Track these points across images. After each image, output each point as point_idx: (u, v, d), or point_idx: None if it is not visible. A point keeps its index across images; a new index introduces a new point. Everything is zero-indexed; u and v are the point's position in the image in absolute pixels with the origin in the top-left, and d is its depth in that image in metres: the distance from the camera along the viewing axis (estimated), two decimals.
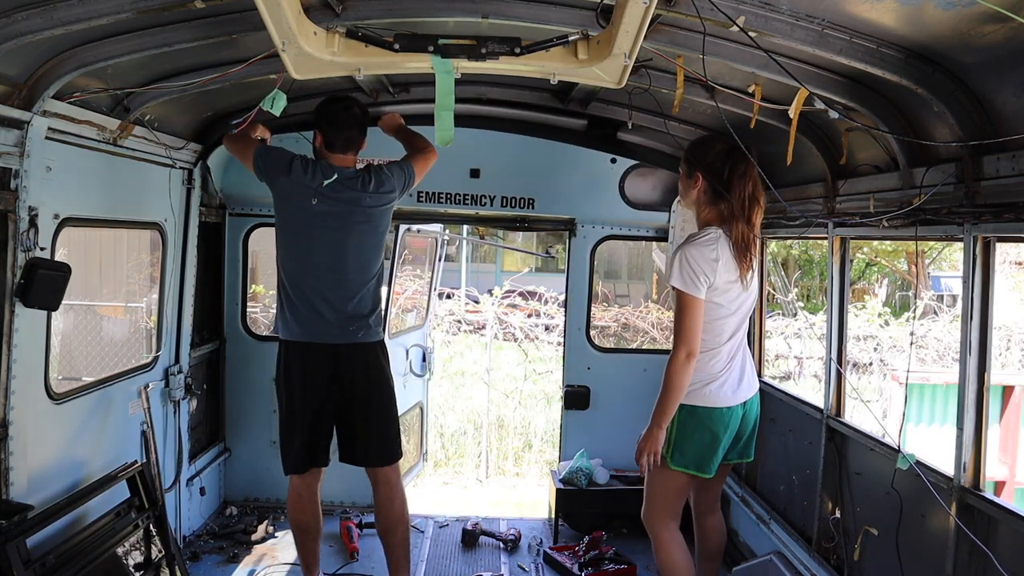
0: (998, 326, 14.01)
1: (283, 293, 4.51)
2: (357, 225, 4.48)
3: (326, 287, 4.43)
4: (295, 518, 4.68)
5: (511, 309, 18.42)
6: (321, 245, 4.42)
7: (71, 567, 3.75)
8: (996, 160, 3.13)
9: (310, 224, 4.41)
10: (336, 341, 4.46)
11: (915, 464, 3.65)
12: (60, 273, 3.75)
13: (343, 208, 4.42)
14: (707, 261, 3.82)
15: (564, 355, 6.67)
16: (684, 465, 4.03)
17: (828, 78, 3.59)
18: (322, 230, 4.41)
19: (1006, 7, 2.48)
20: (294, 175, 4.38)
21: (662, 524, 4.16)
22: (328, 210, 4.39)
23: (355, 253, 4.50)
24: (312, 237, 4.42)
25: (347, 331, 4.47)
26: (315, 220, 4.40)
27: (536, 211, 6.34)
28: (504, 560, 5.84)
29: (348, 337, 4.47)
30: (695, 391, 3.95)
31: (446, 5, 3.34)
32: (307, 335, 4.46)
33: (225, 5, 3.31)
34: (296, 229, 4.45)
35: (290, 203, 4.45)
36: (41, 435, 3.88)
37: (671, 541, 4.16)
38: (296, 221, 4.45)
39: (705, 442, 4.00)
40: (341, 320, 4.45)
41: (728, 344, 3.99)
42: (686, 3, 3.01)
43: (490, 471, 11.49)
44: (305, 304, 4.44)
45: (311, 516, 4.66)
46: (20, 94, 3.50)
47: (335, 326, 4.44)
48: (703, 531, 4.46)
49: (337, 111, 4.45)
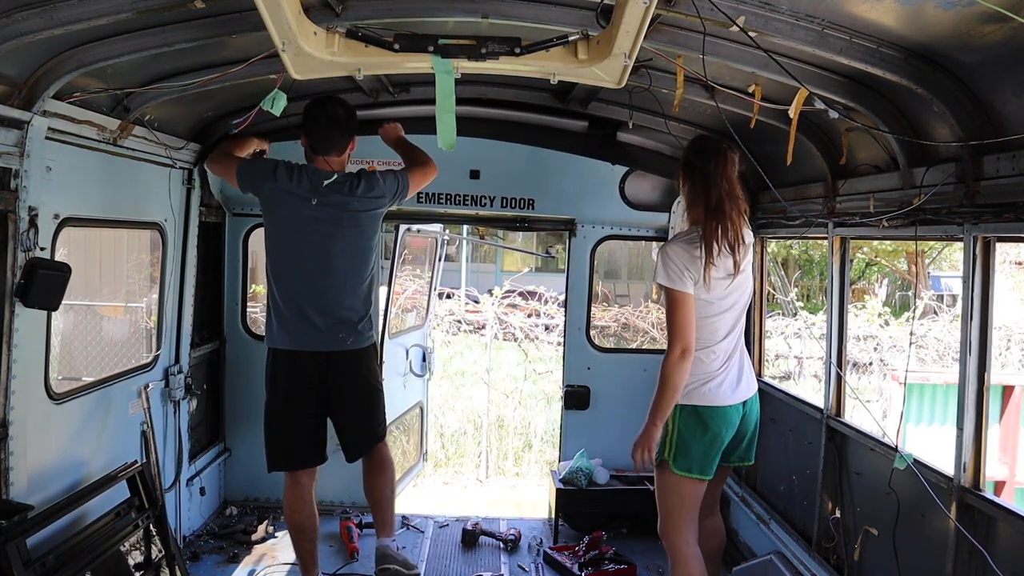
0: (998, 326, 14.01)
1: (272, 300, 4.47)
2: (345, 230, 4.42)
3: (315, 294, 4.39)
4: (291, 518, 4.65)
5: (511, 309, 18.42)
6: (309, 251, 4.37)
7: (71, 567, 3.75)
8: (996, 160, 3.13)
9: (297, 230, 4.36)
10: (327, 349, 4.43)
11: (913, 464, 3.65)
12: (60, 273, 3.75)
13: (330, 213, 4.35)
14: (692, 258, 3.81)
15: (564, 355, 6.67)
16: (687, 469, 3.97)
17: (828, 78, 3.59)
18: (309, 235, 4.36)
19: (1006, 7, 2.48)
20: (279, 182, 4.33)
21: (680, 537, 4.03)
22: (315, 215, 4.33)
23: (344, 258, 4.43)
24: (300, 243, 4.37)
25: (337, 338, 4.44)
26: (302, 225, 4.35)
27: (536, 212, 6.35)
28: (504, 560, 5.84)
29: (338, 344, 4.45)
30: (694, 390, 3.94)
31: (446, 5, 3.34)
32: (297, 343, 4.43)
33: (225, 5, 3.31)
34: (284, 236, 4.40)
35: (277, 210, 4.40)
36: (41, 435, 3.88)
37: (691, 557, 4.02)
38: (284, 227, 4.39)
39: (707, 442, 3.97)
40: (330, 326, 4.42)
41: (724, 342, 3.98)
42: (686, 3, 3.01)
43: (490, 471, 11.50)
44: (294, 312, 4.40)
45: (306, 516, 4.62)
46: (20, 94, 3.50)
47: (325, 333, 4.41)
48: (702, 533, 4.43)
49: (318, 113, 4.38)
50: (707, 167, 3.85)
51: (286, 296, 4.41)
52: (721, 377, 3.97)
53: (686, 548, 4.02)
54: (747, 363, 4.15)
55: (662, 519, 4.09)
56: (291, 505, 4.61)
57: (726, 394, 3.98)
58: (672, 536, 4.04)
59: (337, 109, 4.41)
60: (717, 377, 3.96)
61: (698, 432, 3.96)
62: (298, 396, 4.48)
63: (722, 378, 3.97)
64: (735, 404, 4.01)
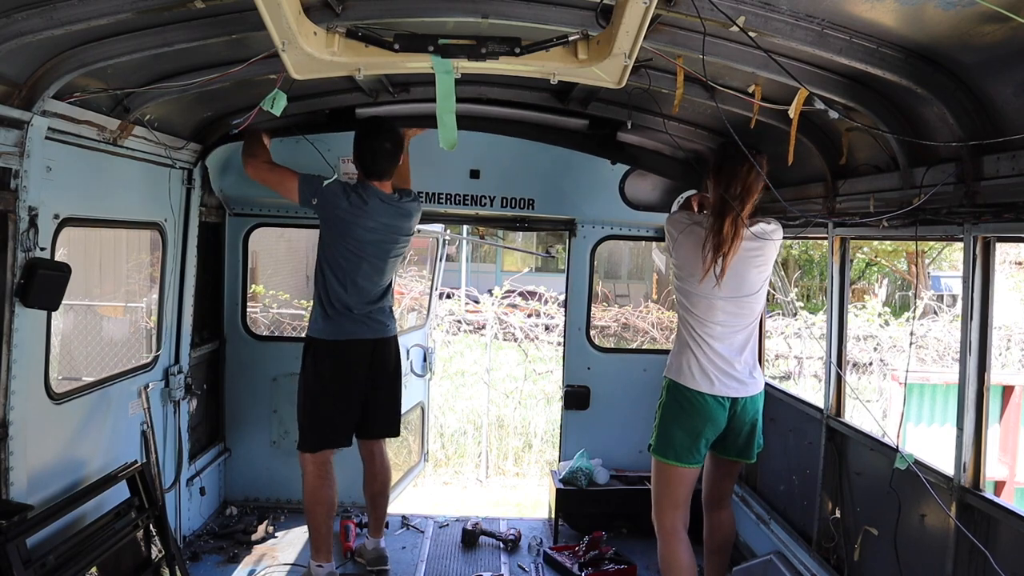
0: (998, 326, 14.01)
1: (325, 300, 4.97)
2: (397, 245, 5.07)
3: (364, 298, 5.00)
4: (321, 496, 4.99)
5: (511, 309, 18.37)
6: (366, 267, 4.95)
7: (71, 567, 3.75)
8: (996, 160, 3.13)
9: (363, 246, 4.90)
10: (373, 336, 5.07)
11: (913, 464, 3.65)
12: (60, 273, 3.75)
13: (388, 232, 4.98)
14: (679, 223, 4.28)
15: (564, 355, 6.67)
16: (663, 454, 4.21)
17: (828, 78, 3.59)
18: (374, 251, 4.95)
19: (1006, 7, 2.48)
20: (353, 206, 4.82)
21: (665, 518, 4.27)
22: (378, 235, 4.92)
23: (388, 271, 5.12)
24: (360, 260, 4.92)
25: (383, 326, 5.13)
26: (365, 246, 4.90)
27: (536, 212, 6.35)
28: (504, 560, 5.84)
29: (382, 331, 5.11)
30: (675, 367, 4.22)
31: (446, 5, 3.34)
32: (347, 334, 4.99)
33: (225, 5, 3.30)
34: (349, 250, 4.90)
35: (344, 227, 4.86)
36: (41, 435, 3.88)
37: (674, 537, 4.23)
38: (351, 243, 4.89)
39: (686, 430, 4.15)
40: (373, 319, 5.06)
41: (716, 331, 4.14)
42: (686, 3, 3.01)
43: (490, 471, 11.50)
44: (345, 312, 4.97)
45: (334, 492, 5.09)
46: (20, 94, 3.50)
47: (368, 325, 5.04)
48: (710, 524, 4.56)
49: (376, 146, 4.84)
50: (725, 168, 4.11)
51: (341, 303, 4.94)
52: (704, 363, 4.13)
53: (670, 528, 4.25)
54: (747, 364, 4.17)
55: (652, 502, 4.36)
56: (320, 481, 4.99)
57: (707, 382, 4.13)
58: (657, 517, 4.32)
59: (387, 144, 4.87)
60: (700, 361, 4.14)
61: (678, 416, 4.17)
62: (351, 378, 5.04)
63: (705, 364, 4.13)
64: (715, 395, 4.13)
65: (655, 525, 4.33)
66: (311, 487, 5.01)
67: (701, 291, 4.12)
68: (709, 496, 4.57)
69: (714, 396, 4.13)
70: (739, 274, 4.12)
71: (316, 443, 5.01)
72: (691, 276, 4.16)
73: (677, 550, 4.21)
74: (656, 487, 4.34)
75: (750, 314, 4.20)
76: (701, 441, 4.18)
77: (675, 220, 4.36)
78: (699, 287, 4.11)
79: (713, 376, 4.12)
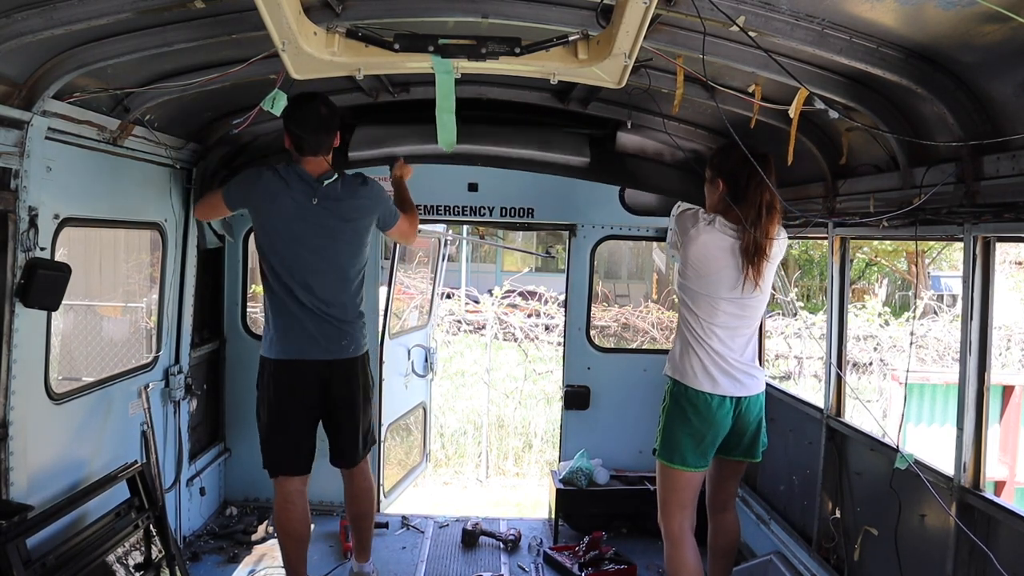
0: (998, 326, 14.01)
1: (269, 309, 4.46)
2: (334, 231, 4.38)
3: (315, 299, 4.38)
4: (287, 527, 4.51)
5: (511, 309, 18.39)
6: (309, 253, 4.36)
7: (71, 567, 3.75)
8: (996, 160, 3.13)
9: (289, 234, 4.34)
10: (326, 357, 4.44)
11: (914, 464, 3.65)
12: (60, 273, 3.75)
13: (330, 211, 4.34)
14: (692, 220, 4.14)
15: (564, 355, 6.67)
16: (669, 459, 4.15)
17: (828, 78, 3.59)
18: (312, 236, 4.34)
19: (1006, 7, 2.48)
20: (270, 183, 4.31)
21: (671, 521, 4.21)
22: (315, 215, 4.31)
23: (343, 258, 4.44)
24: (292, 248, 4.34)
25: (338, 346, 4.46)
26: (293, 228, 4.32)
27: (535, 220, 6.40)
28: (504, 560, 5.84)
29: (337, 352, 4.47)
30: (678, 368, 4.16)
31: (446, 5, 3.34)
32: (293, 353, 4.42)
33: (225, 5, 3.30)
34: (276, 240, 4.36)
35: (269, 216, 4.36)
36: (41, 435, 3.88)
37: (682, 540, 4.19)
38: (276, 233, 4.36)
39: (688, 432, 4.10)
40: (326, 335, 4.42)
41: (719, 332, 4.09)
42: (686, 3, 3.01)
43: (490, 471, 11.50)
44: (291, 322, 4.39)
45: (303, 525, 4.55)
46: (20, 94, 3.50)
47: (319, 343, 4.41)
48: (715, 527, 4.53)
49: (304, 115, 4.28)
50: (754, 177, 4.00)
51: (284, 303, 4.39)
52: (707, 362, 4.09)
53: (678, 532, 4.20)
54: (748, 365, 4.17)
55: (659, 505, 4.31)
56: (287, 511, 4.51)
57: (709, 382, 4.09)
58: (664, 521, 4.27)
59: (321, 109, 4.33)
60: (703, 360, 4.09)
61: (683, 419, 4.11)
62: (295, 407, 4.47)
63: (708, 363, 4.09)
64: (720, 396, 4.09)
65: (662, 529, 4.26)
66: (276, 516, 4.56)
67: (709, 292, 4.07)
68: (714, 499, 4.50)
69: (719, 396, 4.09)
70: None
71: (272, 468, 4.53)
72: (702, 277, 4.08)
73: (685, 554, 4.16)
74: (662, 491, 4.26)
75: (754, 315, 4.19)
76: (707, 444, 4.12)
77: (686, 217, 4.17)
78: (714, 289, 4.07)
79: (717, 376, 4.08)
